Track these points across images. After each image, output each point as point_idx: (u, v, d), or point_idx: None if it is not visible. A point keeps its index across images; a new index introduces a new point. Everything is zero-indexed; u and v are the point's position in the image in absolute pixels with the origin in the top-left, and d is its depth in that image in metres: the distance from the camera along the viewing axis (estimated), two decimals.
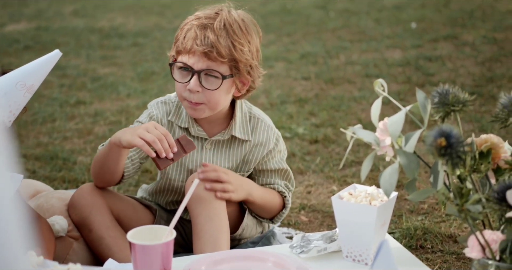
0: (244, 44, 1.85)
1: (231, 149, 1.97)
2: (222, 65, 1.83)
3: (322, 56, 4.99)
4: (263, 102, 3.96)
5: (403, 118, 1.52)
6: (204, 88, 1.84)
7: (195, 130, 1.96)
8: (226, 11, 1.89)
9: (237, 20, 1.87)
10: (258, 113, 1.99)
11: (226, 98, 1.89)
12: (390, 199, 1.63)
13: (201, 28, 1.83)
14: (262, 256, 1.63)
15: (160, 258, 1.47)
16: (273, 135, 1.98)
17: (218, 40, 1.81)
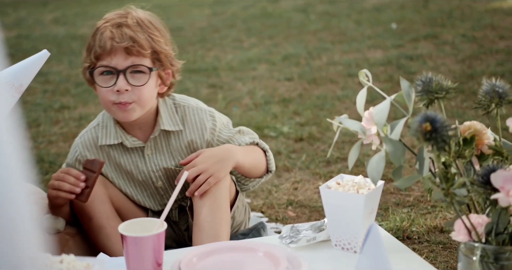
0: (159, 37, 1.87)
1: (170, 145, 1.95)
2: (145, 59, 1.83)
3: (304, 57, 5.03)
4: (247, 103, 3.99)
5: (388, 106, 1.55)
6: (133, 85, 1.82)
7: (129, 142, 1.94)
8: (133, 10, 1.91)
9: (146, 17, 1.89)
10: (182, 101, 1.97)
11: (153, 94, 1.88)
12: (377, 188, 1.66)
13: (116, 26, 1.83)
14: (252, 246, 1.65)
15: (152, 250, 1.49)
16: (205, 114, 1.96)
17: (136, 34, 1.82)
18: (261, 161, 2.01)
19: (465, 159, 1.52)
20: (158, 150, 1.95)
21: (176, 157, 1.96)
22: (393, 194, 2.63)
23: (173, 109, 1.94)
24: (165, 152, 1.96)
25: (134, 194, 2.00)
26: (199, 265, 1.58)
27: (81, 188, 1.79)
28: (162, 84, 1.90)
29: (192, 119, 1.94)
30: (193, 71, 4.83)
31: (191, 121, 1.94)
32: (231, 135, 1.99)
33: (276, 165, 2.97)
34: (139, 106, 1.85)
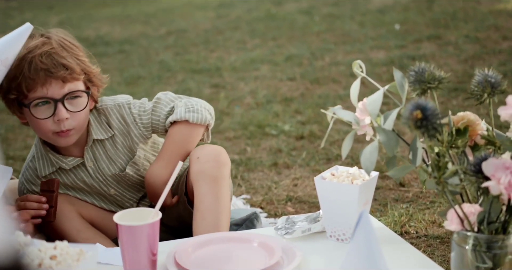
0: (83, 56, 1.85)
1: (107, 151, 1.95)
2: (79, 82, 1.81)
3: (307, 58, 5.04)
4: (249, 102, 4.00)
5: (381, 96, 1.56)
6: (72, 112, 1.80)
7: (67, 164, 1.93)
8: (52, 33, 1.85)
9: (65, 37, 1.85)
10: (101, 105, 1.94)
11: (88, 114, 1.87)
12: (371, 178, 1.67)
13: (45, 56, 1.78)
14: (247, 237, 1.66)
15: (147, 239, 1.49)
16: (124, 108, 1.93)
17: (67, 60, 1.79)
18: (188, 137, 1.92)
19: (458, 149, 1.53)
20: (98, 159, 1.94)
21: (118, 161, 1.96)
22: (392, 190, 2.64)
23: (99, 117, 1.93)
24: (106, 160, 1.95)
25: (97, 203, 2.01)
26: (194, 255, 1.59)
27: (45, 209, 1.82)
28: (92, 101, 1.89)
29: (115, 120, 1.93)
30: (196, 72, 4.85)
31: (115, 122, 1.93)
32: (149, 116, 1.93)
33: (276, 162, 2.99)
34: (79, 130, 1.86)
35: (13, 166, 3.07)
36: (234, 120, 3.64)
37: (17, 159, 3.19)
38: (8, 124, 3.82)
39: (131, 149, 1.96)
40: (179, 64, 5.17)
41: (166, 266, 1.53)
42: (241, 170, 2.92)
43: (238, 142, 3.32)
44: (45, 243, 1.28)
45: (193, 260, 1.57)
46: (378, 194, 2.61)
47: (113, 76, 4.82)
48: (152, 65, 5.19)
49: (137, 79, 4.76)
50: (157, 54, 5.63)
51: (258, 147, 3.22)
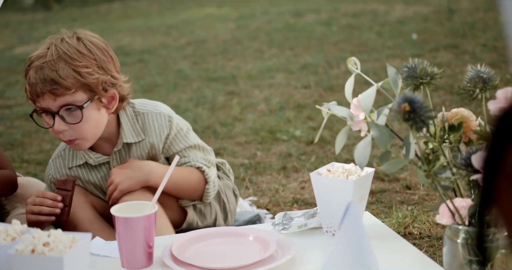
0: (89, 65, 1.82)
1: (132, 154, 1.97)
2: (76, 94, 1.81)
3: (322, 67, 5.06)
4: (262, 108, 4.03)
5: (374, 92, 1.58)
6: (70, 124, 1.83)
7: (93, 160, 1.97)
8: (57, 41, 1.85)
9: (72, 45, 1.83)
10: (142, 108, 1.96)
11: (98, 122, 1.87)
12: (367, 174, 1.68)
13: (38, 70, 1.80)
14: (243, 232, 1.68)
15: (143, 231, 1.53)
16: (164, 119, 1.96)
17: (58, 74, 1.78)
18: (190, 189, 1.99)
19: (451, 144, 1.54)
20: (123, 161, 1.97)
21: None
22: (399, 192, 2.65)
23: (134, 118, 1.95)
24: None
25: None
26: (191, 249, 1.62)
27: (60, 208, 1.84)
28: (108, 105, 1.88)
29: (152, 125, 1.95)
30: (212, 80, 4.90)
31: (150, 127, 1.95)
32: (183, 147, 1.98)
33: (285, 166, 3.01)
34: (85, 139, 1.87)
35: (27, 169, 3.14)
36: (246, 126, 3.68)
37: (31, 163, 3.25)
38: (25, 130, 3.90)
39: (154, 158, 1.98)
40: (196, 72, 5.23)
41: (163, 259, 1.55)
42: (249, 174, 2.95)
43: (249, 147, 3.35)
44: (39, 231, 1.32)
45: (189, 253, 1.59)
46: (384, 196, 2.62)
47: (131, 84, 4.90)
48: (169, 74, 5.25)
49: (153, 87, 4.82)
50: (175, 63, 5.70)
51: (268, 152, 3.25)
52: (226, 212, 2.13)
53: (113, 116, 1.93)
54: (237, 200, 2.19)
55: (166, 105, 2.03)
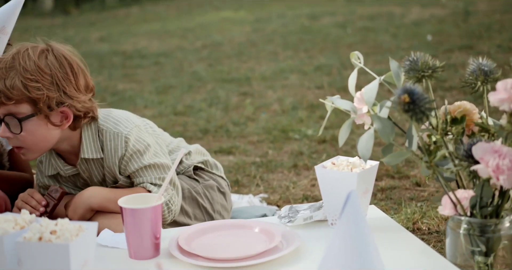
0: (40, 80, 1.81)
1: (98, 169, 1.99)
2: (20, 106, 1.81)
3: (336, 68, 5.08)
4: (275, 108, 4.06)
5: (376, 86, 1.60)
6: (12, 132, 1.84)
7: (64, 172, 2.00)
8: (22, 50, 1.83)
9: (32, 57, 1.82)
10: (103, 123, 1.94)
11: (44, 136, 1.86)
12: (371, 167, 1.70)
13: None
14: (249, 224, 1.71)
15: (149, 222, 1.56)
16: (120, 140, 1.93)
17: (4, 83, 1.79)
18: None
19: (453, 136, 1.55)
20: (92, 173, 1.99)
21: (109, 178, 2.00)
22: (408, 189, 2.66)
23: (96, 134, 1.94)
24: (98, 175, 2.00)
25: None
26: (197, 240, 1.64)
27: (40, 212, 1.89)
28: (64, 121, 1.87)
29: (108, 145, 1.94)
30: (226, 81, 4.93)
31: (106, 146, 1.94)
32: (138, 168, 1.95)
33: (297, 164, 3.03)
34: (30, 150, 1.88)
35: None
36: (259, 126, 3.71)
37: None
38: None
39: (115, 177, 1.99)
40: (211, 74, 5.27)
41: (169, 250, 1.58)
42: (261, 171, 2.97)
43: (261, 145, 3.38)
44: (47, 220, 1.35)
45: (196, 244, 1.62)
46: (394, 193, 2.64)
47: (145, 86, 4.95)
48: (184, 76, 5.30)
49: (168, 88, 4.87)
50: (190, 66, 5.74)
51: (280, 151, 3.27)
52: (210, 214, 2.13)
53: (77, 130, 1.92)
54: (227, 196, 2.20)
55: (132, 116, 2.00)
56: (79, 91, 1.86)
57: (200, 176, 2.16)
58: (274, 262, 1.53)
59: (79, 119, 1.89)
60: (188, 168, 2.15)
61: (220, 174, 2.22)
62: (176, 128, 3.80)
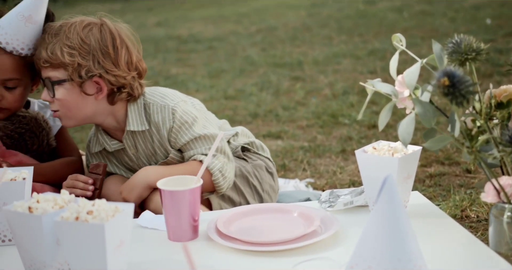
0: (78, 48, 1.88)
1: (145, 142, 2.01)
2: (57, 70, 1.89)
3: (391, 52, 5.00)
4: (326, 93, 4.03)
5: (418, 68, 1.56)
6: (50, 96, 1.91)
7: (109, 146, 2.04)
8: (73, 21, 1.92)
9: (77, 28, 1.89)
10: (150, 97, 1.98)
11: (78, 104, 1.92)
12: (413, 152, 1.66)
13: (40, 40, 1.93)
14: (288, 208, 1.70)
15: (188, 204, 1.56)
16: (167, 112, 1.96)
17: (46, 47, 1.88)
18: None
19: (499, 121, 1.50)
20: (138, 148, 2.02)
21: (157, 153, 2.02)
22: (458, 176, 2.60)
23: (141, 108, 1.98)
24: (145, 149, 2.02)
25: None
26: (235, 224, 1.64)
27: (91, 191, 1.94)
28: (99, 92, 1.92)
29: (155, 117, 1.97)
30: (278, 66, 4.91)
31: (154, 119, 1.97)
32: (188, 140, 1.97)
33: (345, 149, 3.00)
34: (65, 116, 1.94)
35: None
36: (309, 110, 3.68)
37: None
38: None
39: (166, 150, 2.01)
40: (263, 59, 5.26)
41: (208, 233, 1.59)
42: (308, 156, 2.95)
43: (310, 130, 3.35)
44: (85, 200, 1.37)
45: (234, 228, 1.62)
46: (443, 180, 2.58)
47: (198, 70, 4.99)
48: (236, 60, 5.31)
49: (220, 72, 4.88)
50: (243, 50, 5.75)
51: (329, 135, 3.25)
52: (260, 193, 2.14)
53: (120, 105, 1.96)
54: (274, 176, 2.20)
55: (179, 93, 2.03)
56: (117, 66, 1.90)
57: (248, 157, 2.18)
58: (311, 247, 1.52)
59: (115, 94, 1.93)
60: (236, 149, 2.17)
61: (267, 155, 2.23)
62: (226, 112, 3.81)
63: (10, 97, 2.03)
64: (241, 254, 1.49)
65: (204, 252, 1.51)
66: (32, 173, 1.63)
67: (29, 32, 1.96)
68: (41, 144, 2.12)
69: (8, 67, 2.00)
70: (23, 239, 1.39)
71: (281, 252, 1.49)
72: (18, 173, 1.63)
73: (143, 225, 1.68)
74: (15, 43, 1.97)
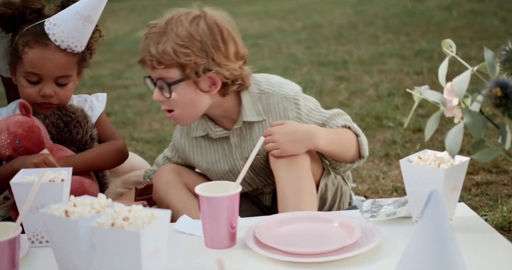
0: (190, 46, 1.82)
1: (253, 134, 1.96)
2: (170, 71, 1.84)
3: (438, 53, 4.90)
4: (371, 94, 3.96)
5: (468, 76, 1.50)
6: (164, 96, 1.86)
7: (214, 133, 2.00)
8: (176, 16, 1.87)
9: (184, 23, 1.84)
10: (267, 87, 1.94)
11: (193, 101, 1.88)
12: (460, 163, 1.60)
13: (146, 38, 1.86)
14: (328, 217, 1.65)
15: (226, 211, 1.53)
16: (289, 102, 1.93)
17: (157, 48, 1.82)
18: (350, 146, 1.96)
19: None
20: (243, 138, 1.98)
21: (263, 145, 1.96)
22: (506, 185, 2.52)
23: (256, 97, 1.94)
24: (249, 141, 1.98)
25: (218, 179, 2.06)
26: (274, 232, 1.60)
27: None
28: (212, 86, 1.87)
29: (275, 108, 1.93)
30: (323, 64, 4.85)
31: (274, 110, 1.93)
32: (322, 118, 1.96)
33: (388, 153, 2.94)
34: (181, 115, 1.90)
35: (136, 147, 3.24)
36: (352, 112, 3.62)
37: (140, 141, 3.35)
38: (138, 109, 4.03)
39: None
40: (307, 57, 5.20)
41: (245, 241, 1.55)
42: None
43: None
44: (122, 206, 1.35)
45: (272, 236, 1.58)
46: (490, 189, 2.51)
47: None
48: (281, 58, 5.26)
49: (264, 70, 4.82)
50: (288, 48, 5.70)
51: (372, 138, 3.18)
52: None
53: (233, 95, 1.93)
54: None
55: (293, 83, 2.00)
56: (228, 58, 1.86)
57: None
58: (352, 259, 1.47)
59: (227, 86, 1.89)
60: None
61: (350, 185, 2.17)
62: None
63: (61, 93, 2.03)
64: (279, 264, 1.45)
65: (241, 261, 1.48)
66: (70, 174, 1.62)
67: (86, 31, 1.98)
68: (85, 134, 2.11)
69: (63, 65, 2.00)
70: (59, 242, 1.38)
71: (321, 264, 1.45)
72: (57, 174, 1.62)
73: (180, 230, 1.65)
74: (71, 41, 1.98)
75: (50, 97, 2.01)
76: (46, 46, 1.97)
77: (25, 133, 1.96)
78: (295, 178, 1.85)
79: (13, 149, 1.96)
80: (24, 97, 2.03)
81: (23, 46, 1.98)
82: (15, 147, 1.96)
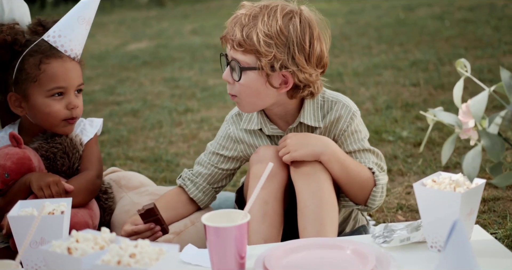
0: (276, 38, 1.78)
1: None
2: (248, 56, 1.80)
3: (433, 63, 4.86)
4: (368, 107, 3.90)
5: (486, 97, 1.45)
6: (232, 78, 1.84)
7: (268, 129, 1.95)
8: (273, 5, 1.82)
9: (276, 16, 1.79)
10: (332, 96, 1.92)
11: (259, 92, 1.83)
12: (477, 186, 1.55)
13: (235, 18, 1.84)
14: (341, 244, 1.59)
15: (234, 241, 1.47)
16: (348, 113, 1.89)
17: (242, 29, 1.79)
18: (358, 184, 1.87)
19: None
20: None
21: None
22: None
23: (319, 104, 1.91)
24: None
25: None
26: (284, 261, 1.54)
27: (159, 230, 1.90)
28: (283, 85, 1.82)
29: (333, 114, 1.89)
30: None
31: (331, 115, 1.90)
32: (356, 149, 1.90)
33: (391, 169, 2.88)
34: (243, 101, 1.86)
35: (131, 167, 3.16)
36: None
37: (135, 160, 3.27)
38: (132, 126, 3.96)
39: None
40: None
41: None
42: None
43: None
44: (127, 240, 1.28)
45: (282, 265, 1.52)
46: (498, 205, 2.45)
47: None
48: None
49: None
50: None
51: None
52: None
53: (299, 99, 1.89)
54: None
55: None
56: (309, 62, 1.81)
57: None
58: None
59: (298, 89, 1.84)
60: None
61: None
62: None
63: (80, 103, 2.02)
64: None
65: None
66: (70, 205, 1.55)
67: (86, 35, 1.99)
68: (72, 166, 2.04)
69: (79, 72, 2.02)
70: None
71: None
72: (56, 205, 1.55)
73: (185, 261, 1.58)
74: (77, 48, 1.99)
75: (77, 108, 1.99)
76: (61, 58, 1.97)
77: (14, 166, 1.91)
78: (316, 190, 1.80)
79: (2, 182, 1.91)
80: (51, 118, 1.97)
81: (37, 65, 1.94)
82: (4, 180, 1.92)
